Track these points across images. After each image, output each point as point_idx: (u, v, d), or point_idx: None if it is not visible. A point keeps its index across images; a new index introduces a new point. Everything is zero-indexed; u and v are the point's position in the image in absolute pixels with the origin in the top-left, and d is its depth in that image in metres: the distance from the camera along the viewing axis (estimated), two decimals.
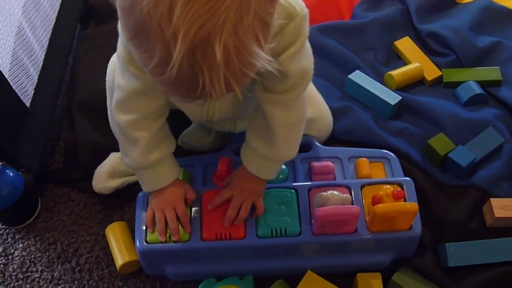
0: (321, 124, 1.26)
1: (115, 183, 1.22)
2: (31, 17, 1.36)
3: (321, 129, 1.26)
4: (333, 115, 1.31)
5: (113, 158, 1.25)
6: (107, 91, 1.18)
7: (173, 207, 1.06)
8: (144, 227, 1.08)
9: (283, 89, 0.93)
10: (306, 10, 0.87)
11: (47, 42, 1.42)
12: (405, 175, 1.18)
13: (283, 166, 1.18)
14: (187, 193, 1.09)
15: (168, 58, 0.65)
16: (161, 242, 1.06)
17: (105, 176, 1.23)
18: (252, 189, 1.07)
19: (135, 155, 1.02)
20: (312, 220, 1.07)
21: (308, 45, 0.93)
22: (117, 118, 1.00)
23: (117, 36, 0.99)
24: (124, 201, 1.24)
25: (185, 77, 0.67)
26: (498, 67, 1.44)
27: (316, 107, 1.26)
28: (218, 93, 0.69)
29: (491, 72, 1.43)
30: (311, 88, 1.28)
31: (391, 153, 1.22)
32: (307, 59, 0.94)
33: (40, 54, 1.38)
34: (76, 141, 1.32)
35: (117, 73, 0.98)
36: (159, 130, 1.03)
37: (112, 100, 1.02)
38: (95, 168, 1.25)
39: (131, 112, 0.99)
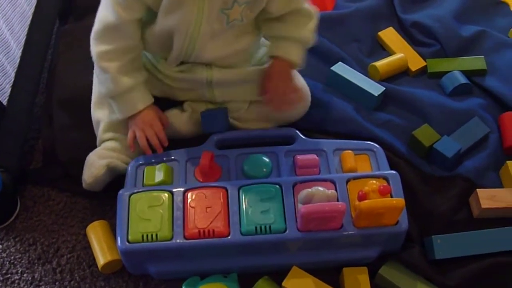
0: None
1: (104, 161, 1.18)
2: (6, 13, 1.33)
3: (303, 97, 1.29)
4: (316, 106, 1.31)
5: (94, 152, 1.22)
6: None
7: (151, 125, 1.17)
8: (126, 226, 1.05)
9: None
10: None
11: (24, 39, 1.40)
12: (391, 167, 1.17)
13: (267, 159, 1.17)
14: (161, 118, 1.21)
15: None
16: (143, 242, 1.04)
17: (95, 157, 1.19)
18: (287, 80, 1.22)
19: (108, 83, 1.15)
20: (297, 217, 1.06)
21: None
22: (93, 48, 1.14)
23: None
24: (105, 199, 1.22)
25: None
26: (483, 56, 1.44)
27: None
28: None
29: (475, 62, 1.43)
30: None
31: (376, 145, 1.21)
32: None
33: (16, 51, 1.36)
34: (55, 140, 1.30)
35: (100, 7, 1.13)
36: (129, 62, 1.15)
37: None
38: (75, 166, 1.23)
39: (103, 43, 1.13)
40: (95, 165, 1.17)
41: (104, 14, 1.11)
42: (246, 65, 1.25)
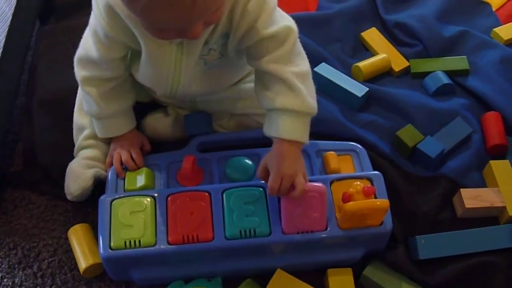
0: None
1: (91, 171, 1.17)
2: None
3: None
4: None
5: (76, 162, 1.20)
6: None
7: (129, 151, 1.16)
8: (108, 233, 1.04)
9: (275, 46, 1.00)
10: None
11: (4, 40, 1.37)
12: (374, 168, 1.17)
13: (249, 162, 1.16)
14: (144, 144, 1.20)
15: None
16: (126, 248, 1.02)
17: (79, 168, 1.17)
18: (296, 164, 1.03)
19: (91, 105, 1.14)
20: (281, 218, 1.05)
21: (280, 10, 1.03)
22: (76, 71, 1.12)
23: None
24: (86, 202, 1.20)
25: None
26: (465, 56, 1.44)
27: None
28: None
29: (458, 62, 1.43)
30: None
31: (359, 146, 1.21)
32: (284, 17, 1.03)
33: None
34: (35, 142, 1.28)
35: (86, 31, 1.08)
36: (113, 89, 1.12)
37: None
38: (56, 169, 1.22)
39: (86, 70, 1.10)
40: (82, 177, 1.15)
41: (87, 43, 1.07)
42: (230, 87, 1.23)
